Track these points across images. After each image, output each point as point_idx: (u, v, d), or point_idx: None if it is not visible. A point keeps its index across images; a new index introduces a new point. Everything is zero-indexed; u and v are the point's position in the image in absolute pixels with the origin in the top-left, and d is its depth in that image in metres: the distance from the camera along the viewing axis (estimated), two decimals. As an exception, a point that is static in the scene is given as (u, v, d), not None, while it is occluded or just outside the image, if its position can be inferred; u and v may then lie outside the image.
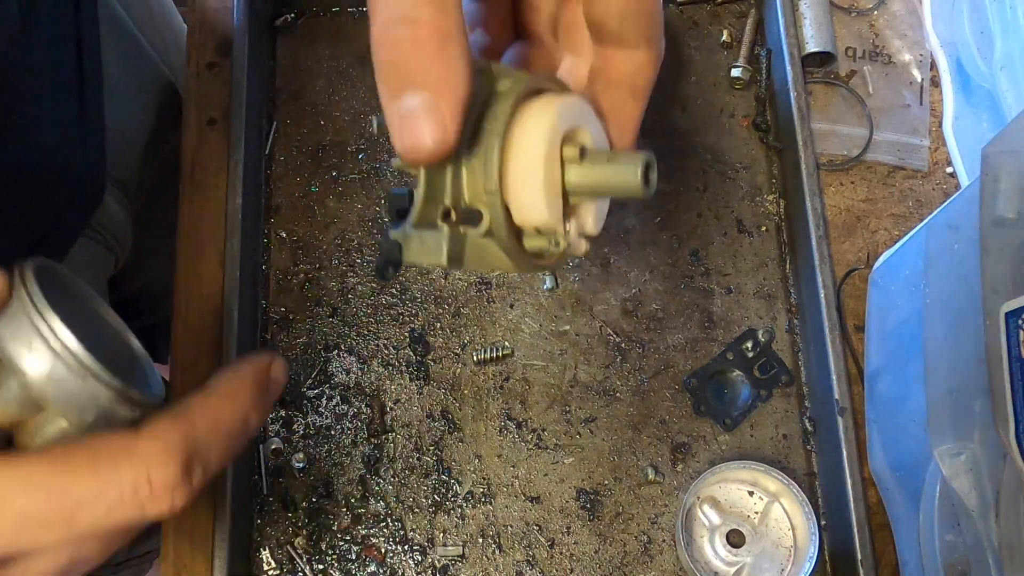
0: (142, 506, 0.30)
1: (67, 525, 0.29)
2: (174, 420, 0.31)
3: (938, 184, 0.72)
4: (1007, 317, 0.41)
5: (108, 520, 0.29)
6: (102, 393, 0.34)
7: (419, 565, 0.63)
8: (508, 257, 0.34)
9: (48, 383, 0.33)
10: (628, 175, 0.33)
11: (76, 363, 0.33)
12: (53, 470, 0.29)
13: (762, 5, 0.75)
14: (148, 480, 0.29)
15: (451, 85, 0.29)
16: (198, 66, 0.73)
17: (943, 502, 0.52)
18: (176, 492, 0.30)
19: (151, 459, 0.30)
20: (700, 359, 0.67)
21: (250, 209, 0.68)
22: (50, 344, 0.33)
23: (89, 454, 0.30)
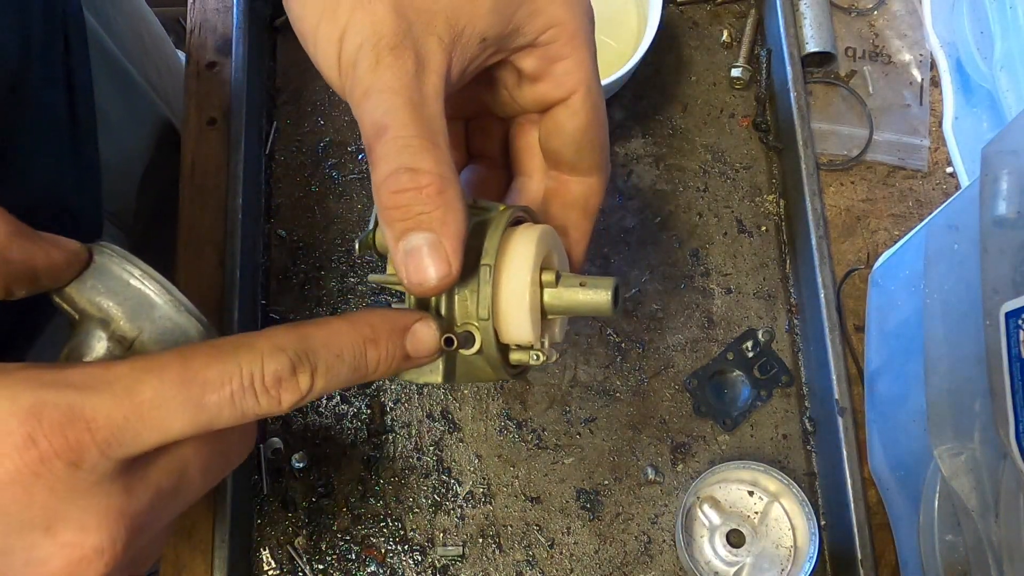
0: (256, 396, 0.31)
1: (197, 408, 0.30)
2: (290, 326, 0.33)
3: (938, 184, 0.72)
4: (1007, 317, 0.41)
5: (231, 407, 0.30)
6: (193, 328, 0.36)
7: (419, 565, 0.63)
8: (494, 371, 0.38)
9: (145, 319, 0.35)
10: (600, 299, 0.37)
11: (170, 298, 0.36)
12: (180, 359, 0.30)
13: (762, 5, 0.75)
14: (262, 370, 0.31)
15: (451, 225, 0.33)
16: (198, 66, 0.73)
17: (943, 502, 0.52)
18: (284, 387, 0.31)
19: (265, 351, 0.31)
20: (700, 359, 0.67)
21: (250, 209, 0.68)
22: (145, 284, 0.35)
23: (212, 347, 0.31)
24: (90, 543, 0.29)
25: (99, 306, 0.35)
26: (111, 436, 0.28)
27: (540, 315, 0.38)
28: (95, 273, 0.36)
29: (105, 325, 0.36)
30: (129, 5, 0.77)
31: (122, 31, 0.73)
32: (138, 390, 0.29)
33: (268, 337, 0.32)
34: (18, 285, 0.34)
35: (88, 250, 0.36)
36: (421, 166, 0.33)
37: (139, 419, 0.29)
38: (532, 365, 0.38)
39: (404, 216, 0.33)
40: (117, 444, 0.29)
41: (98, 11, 0.68)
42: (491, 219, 0.37)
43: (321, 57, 0.37)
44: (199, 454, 0.33)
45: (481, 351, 0.37)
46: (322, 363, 0.32)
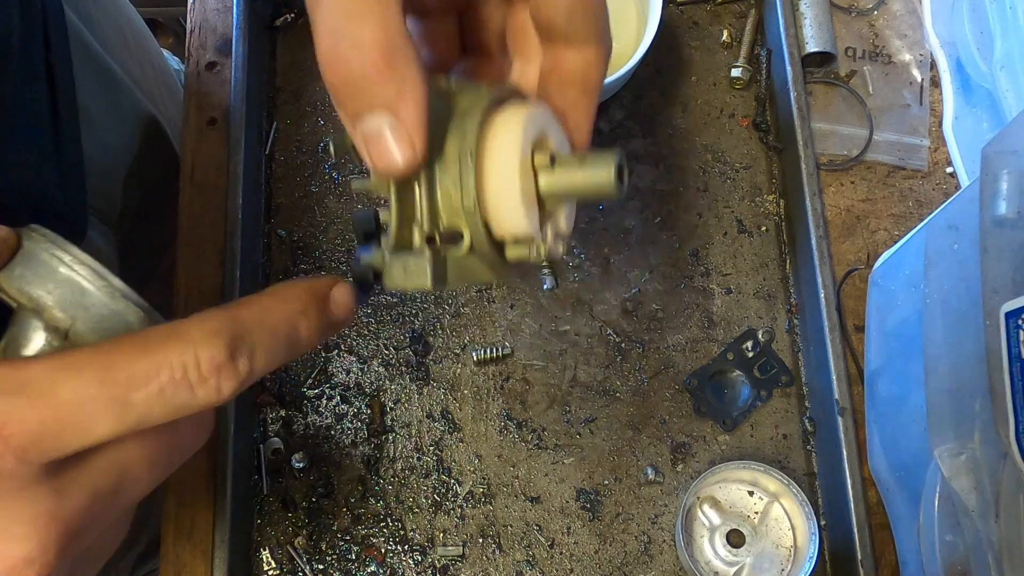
0: (191, 388, 0.29)
1: (122, 407, 0.28)
2: (219, 309, 0.31)
3: (938, 184, 0.72)
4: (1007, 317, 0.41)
5: (161, 402, 0.29)
6: (131, 312, 0.34)
7: (419, 565, 0.63)
8: (491, 270, 0.34)
9: (78, 307, 0.33)
10: (601, 176, 0.33)
11: (104, 283, 0.33)
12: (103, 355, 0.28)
13: (762, 5, 0.75)
14: (196, 358, 0.29)
15: (408, 101, 0.30)
16: (198, 66, 0.73)
17: (943, 502, 0.52)
18: (223, 375, 0.29)
19: (198, 339, 0.29)
20: (700, 359, 0.67)
21: (250, 209, 0.68)
22: (75, 270, 0.33)
23: (139, 338, 0.29)
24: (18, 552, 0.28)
25: (29, 295, 0.33)
26: (28, 442, 0.27)
27: (536, 202, 0.34)
28: (23, 260, 0.34)
29: (39, 315, 0.34)
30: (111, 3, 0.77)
31: (104, 28, 0.72)
32: (55, 391, 0.27)
33: (199, 323, 0.30)
34: None
35: (16, 235, 0.34)
36: (364, 34, 0.29)
37: (58, 422, 0.27)
38: (532, 260, 0.34)
39: (353, 95, 0.31)
40: (36, 450, 0.27)
41: (78, 8, 0.68)
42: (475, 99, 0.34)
43: None
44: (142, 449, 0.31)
45: (472, 248, 0.33)
46: (259, 344, 0.31)
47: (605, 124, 0.73)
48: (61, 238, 0.34)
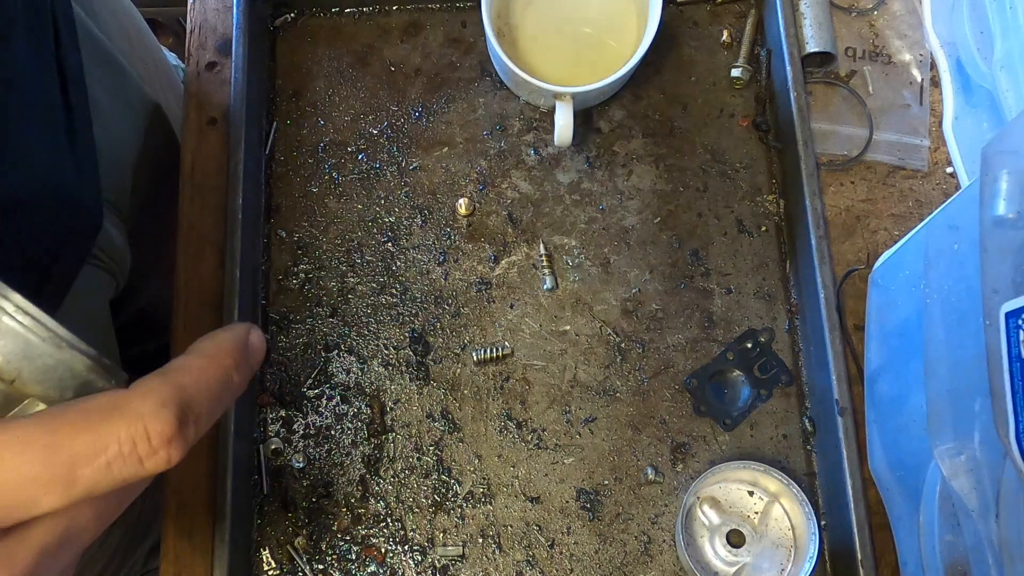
0: (140, 460, 0.29)
1: (66, 484, 0.28)
2: (161, 377, 0.31)
3: (938, 184, 0.72)
4: (1007, 317, 0.41)
5: (108, 477, 0.29)
6: (78, 362, 0.33)
7: (419, 565, 0.63)
8: None
9: (23, 361, 0.32)
10: None
11: (49, 334, 0.32)
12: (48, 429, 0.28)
13: (762, 5, 0.75)
14: (145, 432, 0.29)
15: None
16: (198, 66, 0.73)
17: (943, 502, 0.52)
18: (173, 444, 0.30)
19: (146, 412, 0.30)
20: (700, 359, 0.67)
21: (250, 209, 0.68)
22: (17, 319, 0.32)
23: (83, 412, 0.29)
24: None
25: None
26: None
27: None
28: None
29: None
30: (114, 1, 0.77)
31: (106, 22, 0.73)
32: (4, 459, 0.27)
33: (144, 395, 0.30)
34: None
35: None
36: None
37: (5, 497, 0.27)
38: None
39: None
40: None
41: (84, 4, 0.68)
42: None
43: None
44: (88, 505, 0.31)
45: None
46: (204, 409, 0.32)
47: (605, 124, 0.73)
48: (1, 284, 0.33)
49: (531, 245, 0.70)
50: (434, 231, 0.70)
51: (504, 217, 0.70)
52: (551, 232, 0.70)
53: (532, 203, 0.71)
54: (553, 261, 0.69)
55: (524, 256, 0.69)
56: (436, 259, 0.69)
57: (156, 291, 0.81)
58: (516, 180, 0.71)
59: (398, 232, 0.70)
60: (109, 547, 0.78)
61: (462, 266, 0.69)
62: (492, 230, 0.70)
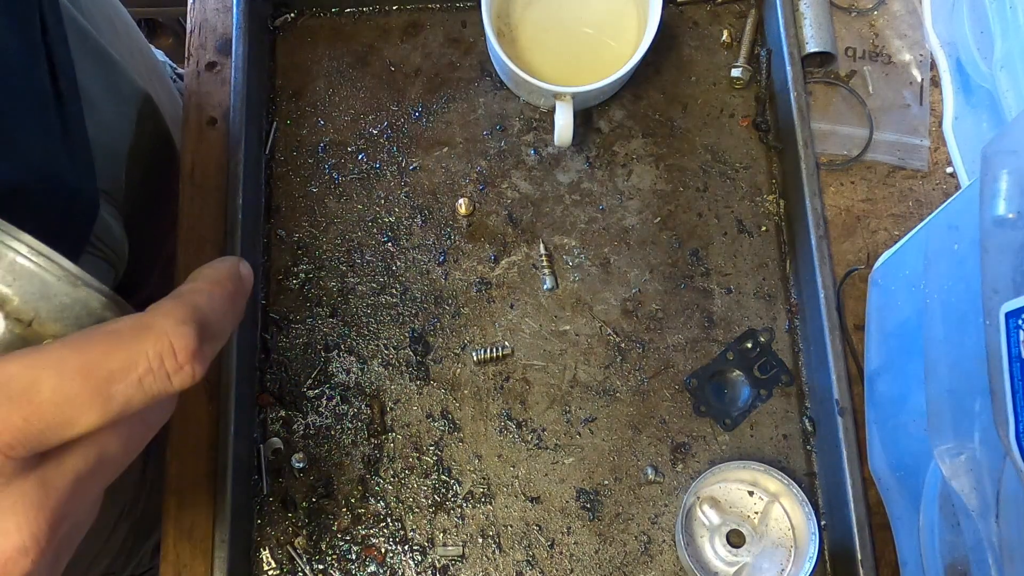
0: (168, 376, 0.31)
1: (103, 402, 0.29)
2: (176, 299, 0.33)
3: (938, 184, 0.72)
4: (1007, 317, 0.41)
5: (141, 393, 0.30)
6: (94, 299, 0.34)
7: (419, 565, 0.63)
8: None
9: (40, 299, 0.33)
10: None
11: (63, 272, 0.33)
12: (80, 350, 0.29)
13: (762, 5, 0.75)
14: (171, 348, 0.31)
15: None
16: (198, 66, 0.73)
17: (943, 502, 0.52)
18: (196, 359, 0.31)
19: (169, 329, 0.31)
20: (700, 359, 0.67)
21: (250, 209, 0.68)
22: (32, 260, 0.33)
23: (111, 332, 0.30)
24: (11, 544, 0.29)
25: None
26: (12, 439, 0.28)
27: None
28: None
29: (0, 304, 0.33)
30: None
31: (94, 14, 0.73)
32: (36, 390, 0.28)
33: (165, 314, 0.31)
34: None
35: None
36: None
37: (41, 419, 0.28)
38: None
39: None
40: (20, 446, 0.28)
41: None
42: None
43: None
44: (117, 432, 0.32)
45: None
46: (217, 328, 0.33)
47: (605, 124, 0.73)
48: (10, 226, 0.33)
49: (531, 245, 0.70)
50: (434, 231, 0.70)
51: (504, 217, 0.70)
52: (551, 232, 0.70)
53: (532, 203, 0.71)
54: (553, 261, 0.69)
55: (524, 256, 0.69)
56: (436, 259, 0.69)
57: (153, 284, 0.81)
58: (516, 180, 0.71)
59: (398, 232, 0.70)
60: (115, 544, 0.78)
61: (462, 266, 0.69)
62: (492, 230, 0.70)
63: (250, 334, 0.66)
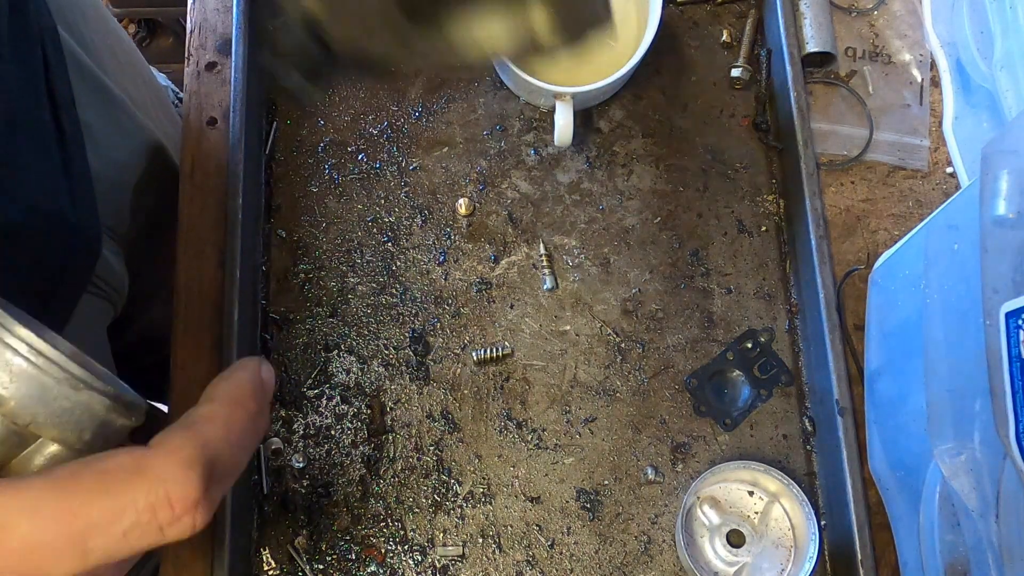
0: (161, 528, 0.27)
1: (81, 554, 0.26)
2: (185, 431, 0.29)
3: (938, 184, 0.72)
4: (1007, 317, 0.41)
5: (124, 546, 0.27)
6: (96, 402, 0.31)
7: (419, 565, 0.63)
8: None
9: (38, 403, 0.30)
10: None
11: (64, 375, 0.30)
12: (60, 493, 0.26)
13: (762, 5, 0.75)
14: (167, 499, 0.27)
15: None
16: (198, 66, 0.73)
17: (943, 502, 0.52)
18: (199, 509, 0.28)
19: (168, 475, 0.27)
20: (700, 359, 0.67)
21: (250, 209, 0.68)
22: (30, 360, 0.30)
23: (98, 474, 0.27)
24: None
25: None
26: None
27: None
28: None
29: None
30: (101, 21, 0.77)
31: (97, 47, 0.72)
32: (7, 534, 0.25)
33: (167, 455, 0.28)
34: None
35: None
36: None
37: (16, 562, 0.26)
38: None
39: None
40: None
41: (71, 27, 0.68)
42: None
43: None
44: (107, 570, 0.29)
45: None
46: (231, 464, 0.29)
47: (605, 124, 0.73)
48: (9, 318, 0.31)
49: (531, 245, 0.70)
50: (434, 231, 0.70)
51: (504, 217, 0.70)
52: (551, 232, 0.70)
53: (532, 203, 0.71)
54: (553, 261, 0.69)
55: (524, 256, 0.69)
56: (436, 259, 0.69)
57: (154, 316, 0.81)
58: (516, 180, 0.71)
59: (398, 232, 0.70)
60: None
61: (462, 266, 0.69)
62: (492, 230, 0.70)
63: (250, 334, 0.66)
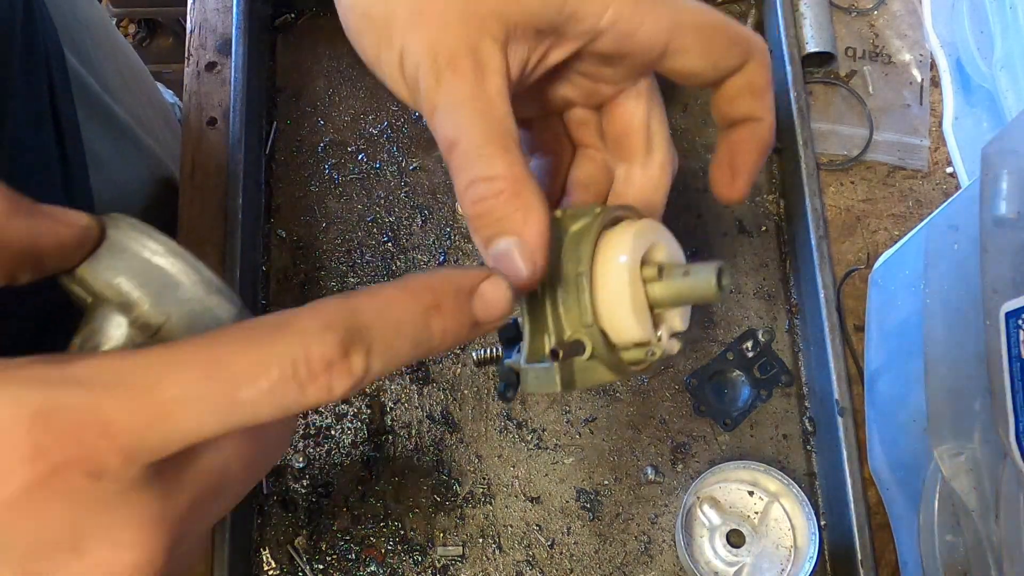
0: (302, 386, 0.26)
1: (228, 406, 0.26)
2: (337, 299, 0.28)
3: (938, 184, 0.72)
4: (1007, 317, 0.41)
5: (269, 402, 0.26)
6: (224, 309, 0.32)
7: (419, 565, 0.63)
8: (613, 372, 0.38)
9: (173, 304, 0.31)
10: (703, 286, 0.37)
11: (199, 277, 0.31)
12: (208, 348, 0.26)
13: (762, 5, 0.74)
14: (307, 354, 0.26)
15: (533, 224, 0.35)
16: (198, 66, 0.73)
17: (943, 502, 0.52)
18: (334, 372, 0.27)
19: (310, 332, 0.27)
20: (700, 359, 0.67)
21: (250, 209, 0.68)
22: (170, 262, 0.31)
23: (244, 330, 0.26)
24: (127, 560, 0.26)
25: (118, 289, 0.31)
26: (134, 440, 0.25)
27: (647, 311, 0.38)
28: (111, 251, 0.31)
29: (125, 309, 0.31)
30: (108, 42, 0.77)
31: (103, 68, 0.72)
32: (160, 387, 0.25)
33: (312, 314, 0.27)
34: (21, 269, 0.30)
35: (100, 224, 0.31)
36: (494, 172, 0.34)
37: (163, 420, 0.25)
38: (649, 360, 0.39)
39: (487, 224, 0.35)
40: (141, 449, 0.25)
41: (78, 49, 0.68)
42: (587, 224, 0.38)
43: (389, 81, 0.38)
44: (241, 449, 0.29)
45: (594, 355, 0.37)
46: (378, 340, 0.28)
47: (605, 124, 0.73)
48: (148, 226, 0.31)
49: (531, 245, 0.69)
50: (434, 231, 0.70)
51: (504, 217, 0.70)
52: (551, 232, 0.70)
53: (532, 203, 0.71)
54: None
55: (524, 256, 0.69)
56: (436, 259, 0.69)
57: None
58: (516, 180, 0.71)
59: (398, 232, 0.70)
60: None
61: (462, 266, 0.69)
62: (492, 230, 0.70)
63: (250, 334, 0.66)
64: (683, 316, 0.41)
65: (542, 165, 0.45)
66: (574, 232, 0.38)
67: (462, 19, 0.35)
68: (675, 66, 0.39)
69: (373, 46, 0.37)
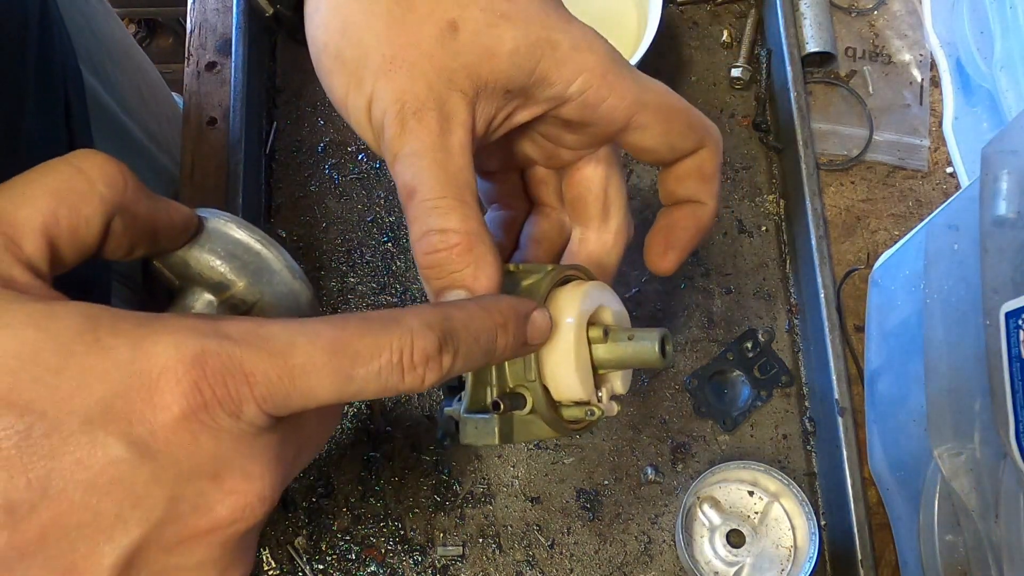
0: (403, 373, 0.31)
1: (345, 379, 0.30)
2: (432, 307, 0.33)
3: (938, 184, 0.72)
4: (1007, 317, 0.41)
5: (377, 382, 0.31)
6: (304, 294, 0.36)
7: (419, 565, 0.63)
8: (552, 429, 0.39)
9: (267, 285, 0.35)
10: (647, 351, 0.38)
11: (287, 265, 0.36)
12: (335, 327, 0.30)
13: (762, 5, 0.75)
14: (412, 346, 0.31)
15: (483, 278, 0.36)
16: (198, 66, 0.73)
17: (943, 502, 0.52)
18: (430, 365, 0.31)
19: (416, 328, 0.31)
20: (700, 359, 0.67)
21: (250, 209, 0.68)
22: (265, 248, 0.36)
23: (362, 319, 0.31)
24: (255, 490, 0.29)
25: (219, 270, 0.35)
26: (267, 392, 0.29)
27: (591, 372, 0.39)
28: (213, 237, 0.36)
29: (218, 290, 0.35)
30: (127, 59, 0.77)
31: (120, 86, 0.73)
32: (291, 352, 0.29)
33: (416, 314, 0.32)
34: (140, 244, 0.34)
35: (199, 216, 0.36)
36: (448, 226, 0.36)
37: (290, 381, 0.29)
38: (589, 420, 0.39)
39: (439, 275, 0.37)
40: (270, 401, 0.29)
41: (96, 68, 0.68)
42: (538, 281, 0.39)
43: (354, 124, 0.38)
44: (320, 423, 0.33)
45: (534, 410, 0.38)
46: (463, 345, 0.33)
47: (605, 124, 0.73)
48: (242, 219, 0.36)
49: (531, 245, 0.69)
50: (434, 231, 0.70)
51: (504, 217, 0.70)
52: (551, 232, 0.70)
53: (532, 203, 0.71)
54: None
55: (524, 256, 0.69)
56: (436, 259, 0.69)
57: None
58: (516, 180, 0.71)
59: (398, 232, 0.70)
60: None
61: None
62: (492, 230, 0.70)
63: (250, 334, 0.66)
64: (624, 380, 0.42)
65: (499, 217, 0.46)
66: (525, 287, 0.39)
67: (434, 71, 0.36)
68: (634, 141, 0.41)
69: (342, 87, 0.37)
